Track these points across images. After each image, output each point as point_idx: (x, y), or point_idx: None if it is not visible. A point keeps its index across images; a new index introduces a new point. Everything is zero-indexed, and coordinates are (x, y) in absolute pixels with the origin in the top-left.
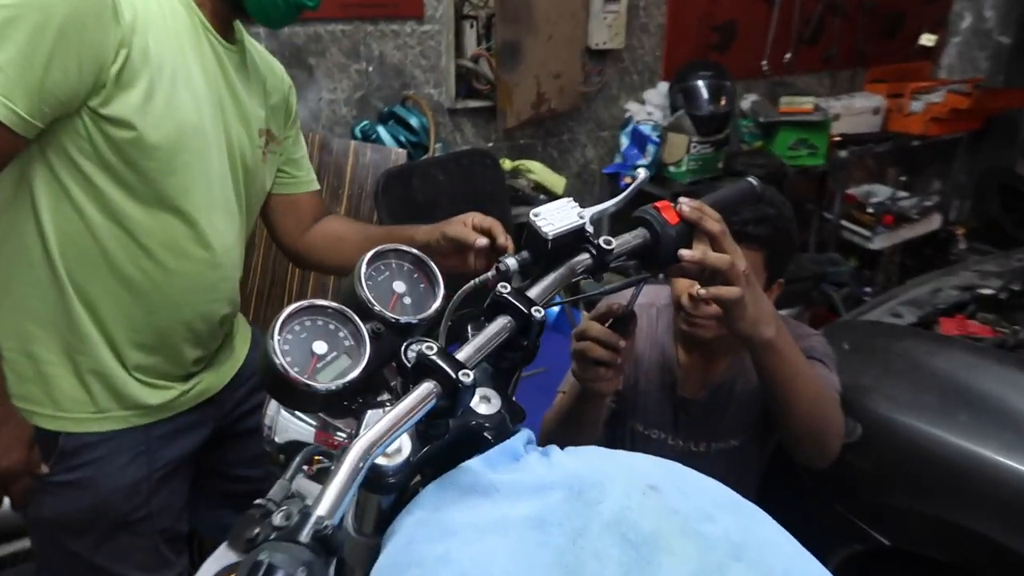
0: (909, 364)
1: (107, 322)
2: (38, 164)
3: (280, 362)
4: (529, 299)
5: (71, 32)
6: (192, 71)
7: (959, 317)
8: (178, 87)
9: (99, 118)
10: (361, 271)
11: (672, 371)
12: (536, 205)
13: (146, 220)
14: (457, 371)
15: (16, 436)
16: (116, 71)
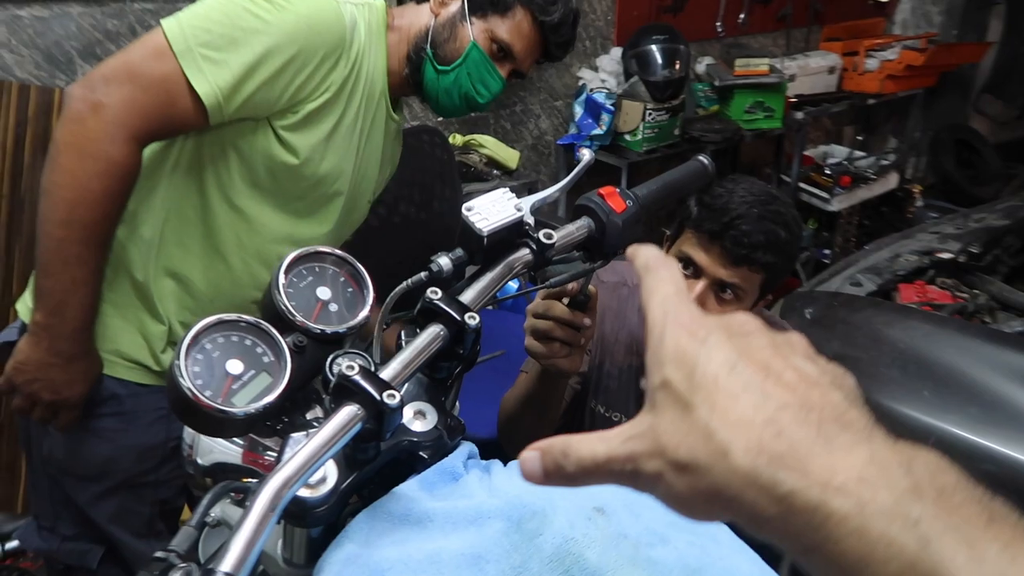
0: (870, 337)
1: (171, 294)
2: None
3: (188, 385)
4: (462, 305)
5: (300, 64)
6: (366, 128)
7: (919, 283)
8: (352, 138)
9: (275, 136)
10: (279, 278)
11: (639, 353)
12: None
13: (257, 215)
14: (382, 392)
15: (85, 371)
16: (313, 108)
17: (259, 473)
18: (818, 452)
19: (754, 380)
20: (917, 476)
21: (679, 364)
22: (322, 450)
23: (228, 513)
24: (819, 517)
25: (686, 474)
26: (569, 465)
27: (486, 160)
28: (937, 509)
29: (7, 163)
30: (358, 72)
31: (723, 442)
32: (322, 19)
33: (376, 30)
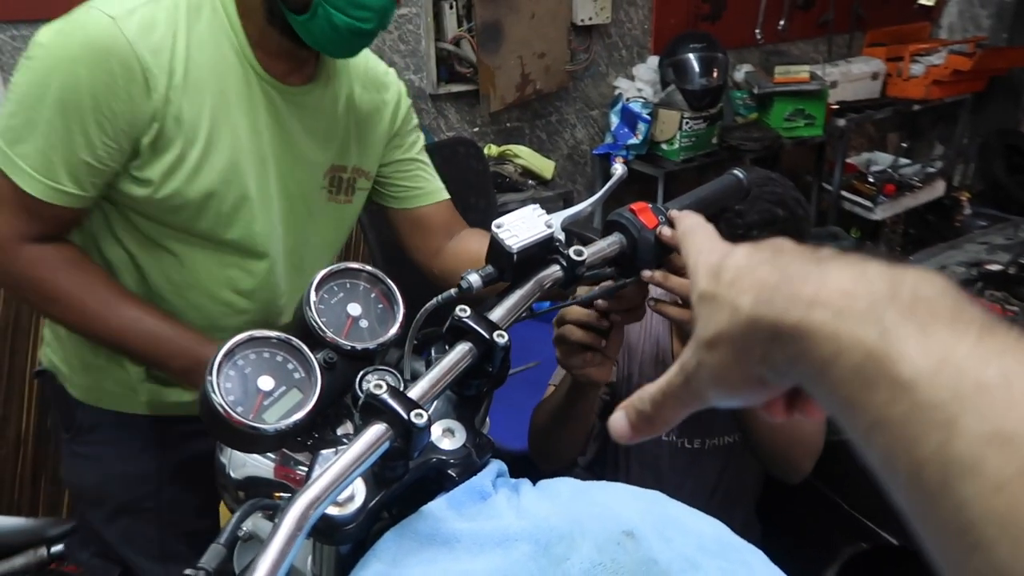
0: None
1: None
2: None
3: (220, 402)
4: (491, 322)
5: (102, 110)
6: (235, 125)
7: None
8: (213, 148)
9: (133, 178)
10: (310, 295)
11: (667, 364)
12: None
13: (182, 250)
14: (410, 411)
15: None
16: (149, 141)
17: (291, 487)
18: (812, 280)
19: (768, 256)
20: (899, 287)
21: (709, 274)
22: (350, 469)
23: (260, 527)
24: (802, 331)
25: (714, 348)
26: (646, 407)
27: (521, 170)
28: (905, 309)
29: None
30: (185, 75)
31: (737, 303)
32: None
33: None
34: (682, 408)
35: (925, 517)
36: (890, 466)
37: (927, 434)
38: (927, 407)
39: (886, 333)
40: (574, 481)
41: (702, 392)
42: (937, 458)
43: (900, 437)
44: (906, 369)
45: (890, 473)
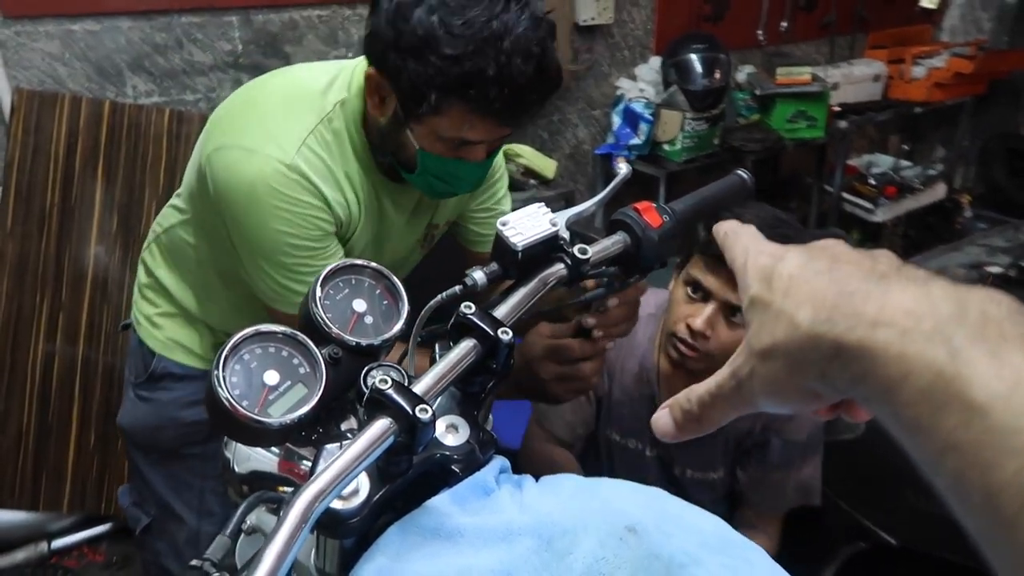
0: None
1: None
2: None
3: (227, 396)
4: (496, 319)
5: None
6: (367, 214)
7: None
8: (356, 236)
9: None
10: (316, 290)
11: (651, 383)
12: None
13: None
14: (415, 406)
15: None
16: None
17: (294, 482)
18: (873, 298)
19: (824, 267)
20: (966, 307)
21: (760, 279)
22: (355, 463)
23: (263, 521)
24: (866, 351)
25: (769, 358)
26: (693, 408)
27: (523, 170)
28: (974, 330)
29: (58, 173)
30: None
31: (794, 316)
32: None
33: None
34: (731, 411)
35: (999, 543)
36: (961, 490)
37: (1004, 459)
38: (1003, 432)
39: (956, 354)
40: (576, 477)
41: (753, 399)
42: (1015, 484)
43: (974, 462)
44: (979, 393)
45: (961, 497)
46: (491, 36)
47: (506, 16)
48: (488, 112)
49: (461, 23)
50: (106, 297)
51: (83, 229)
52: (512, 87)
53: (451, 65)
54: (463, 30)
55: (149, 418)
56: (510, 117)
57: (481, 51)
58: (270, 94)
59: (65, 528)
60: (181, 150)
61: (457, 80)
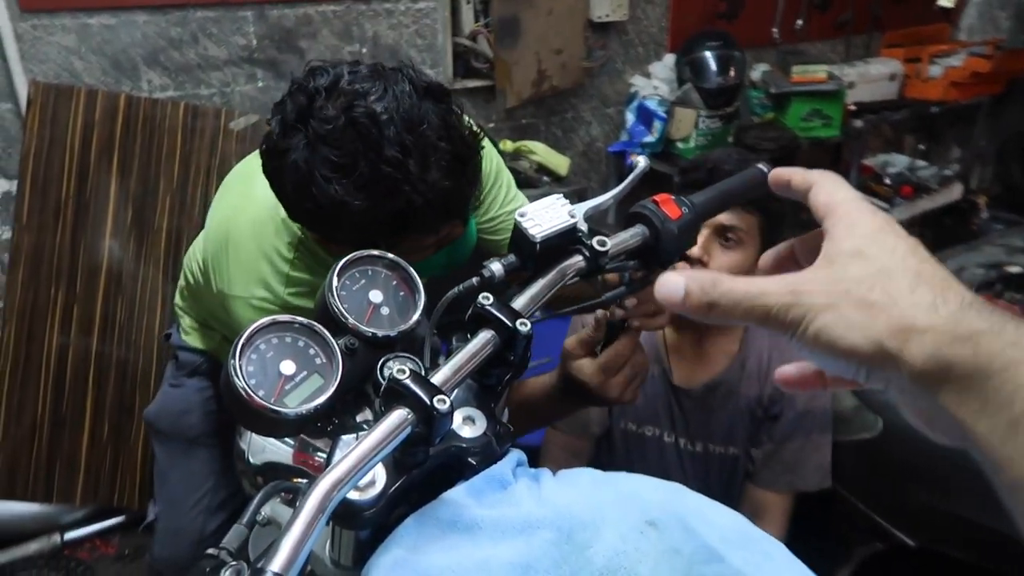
0: None
1: None
2: None
3: (243, 385)
4: (514, 311)
5: None
6: None
7: (986, 297)
8: None
9: None
10: (332, 281)
11: (660, 358)
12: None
13: None
14: (432, 397)
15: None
16: None
17: (309, 474)
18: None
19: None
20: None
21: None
22: (371, 453)
23: (278, 512)
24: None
25: (865, 309)
26: (716, 295)
27: (536, 167)
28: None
29: (74, 165)
30: None
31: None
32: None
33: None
34: (750, 321)
35: None
36: None
37: None
38: None
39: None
40: (595, 471)
41: (787, 329)
42: None
43: None
44: None
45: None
46: (393, 174)
47: (393, 147)
48: (428, 229)
49: (356, 178)
50: (120, 289)
51: (98, 221)
52: (440, 196)
53: (373, 220)
54: (361, 182)
55: (177, 403)
56: (453, 215)
57: (393, 192)
58: (242, 230)
59: (78, 520)
60: (195, 143)
61: (388, 227)
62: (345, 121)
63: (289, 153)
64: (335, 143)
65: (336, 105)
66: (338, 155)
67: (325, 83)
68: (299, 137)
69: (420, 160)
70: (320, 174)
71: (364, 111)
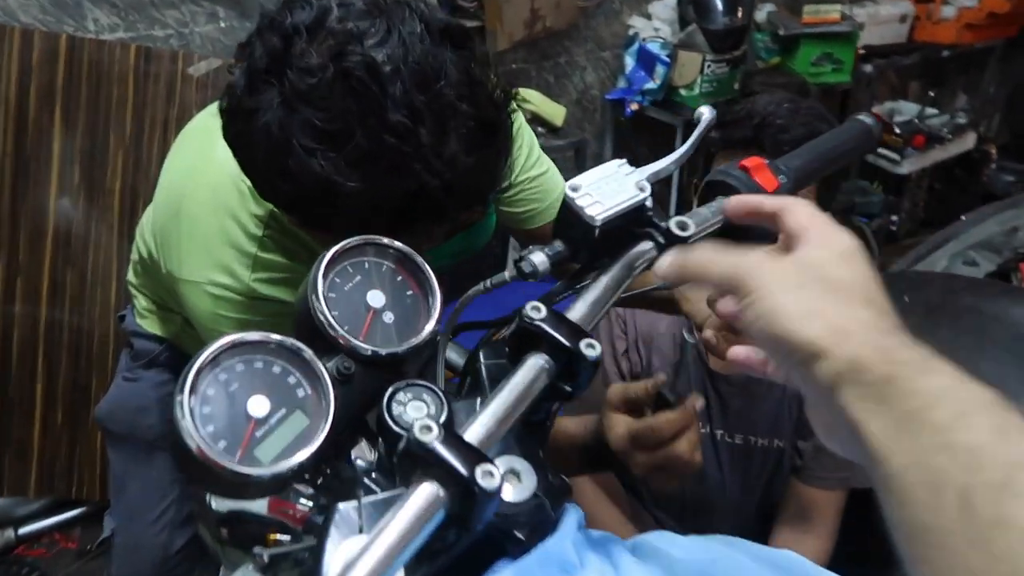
0: (1011, 334)
1: None
2: None
3: (194, 437)
4: (575, 327)
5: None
6: None
7: None
8: None
9: None
10: (317, 281)
11: (682, 345)
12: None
13: None
14: (474, 468)
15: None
16: None
17: (289, 527)
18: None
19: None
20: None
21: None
22: (383, 564)
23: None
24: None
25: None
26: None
27: (530, 116)
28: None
29: (10, 118)
30: None
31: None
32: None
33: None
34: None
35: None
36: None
37: None
38: None
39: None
40: (680, 540)
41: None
42: None
43: None
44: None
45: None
46: (399, 146)
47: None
48: (443, 218)
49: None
50: (70, 257)
51: (40, 181)
52: (460, 176)
53: (371, 206)
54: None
55: (132, 399)
56: (476, 200)
57: (398, 171)
58: (199, 198)
59: (33, 513)
60: (150, 92)
61: (391, 215)
62: (334, 73)
63: (258, 114)
64: (320, 103)
65: (322, 51)
66: (324, 119)
67: (307, 20)
68: (271, 93)
69: (435, 128)
70: (300, 144)
71: (360, 60)
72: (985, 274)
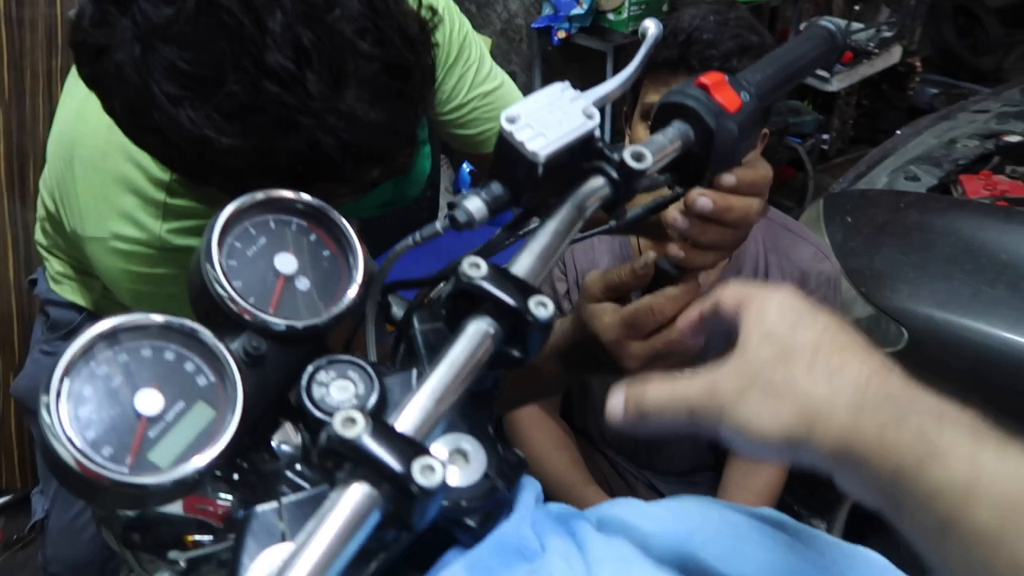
0: (960, 249)
1: None
2: None
3: (72, 453)
4: (523, 284)
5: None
6: None
7: (984, 173)
8: None
9: None
10: (212, 247)
11: (628, 259)
12: None
13: None
14: (410, 461)
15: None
16: None
17: (210, 525)
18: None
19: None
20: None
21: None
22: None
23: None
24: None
25: (772, 397)
26: (645, 404)
27: None
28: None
29: None
30: None
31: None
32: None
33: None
34: (675, 419)
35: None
36: None
37: None
38: None
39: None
40: (650, 510)
41: (708, 424)
42: None
43: None
44: None
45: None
46: (282, 96)
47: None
48: (347, 178)
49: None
50: None
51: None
52: (363, 133)
53: (255, 165)
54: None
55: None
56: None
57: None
58: (93, 142)
59: None
60: (26, 41)
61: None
62: (197, 2)
63: (109, 53)
64: (181, 39)
65: None
66: (188, 60)
67: None
68: (122, 25)
69: (327, 74)
70: (162, 91)
71: None
72: (927, 188)
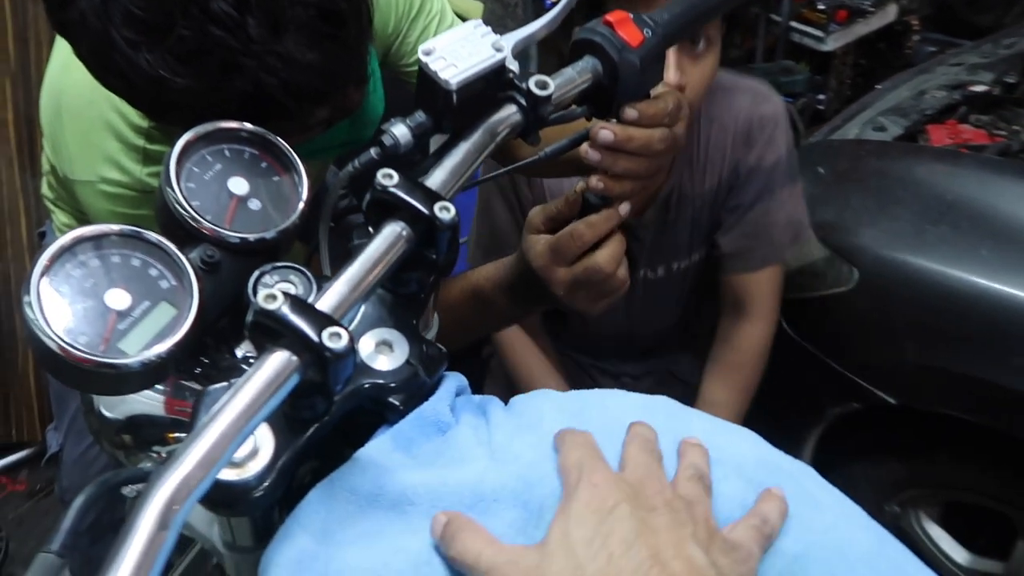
0: (911, 191)
1: None
2: None
3: (49, 333)
4: (429, 191)
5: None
6: None
7: (950, 123)
8: None
9: None
10: (170, 170)
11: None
12: None
13: None
14: (321, 330)
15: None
16: None
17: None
18: None
19: (642, 568)
20: None
21: (582, 522)
22: (237, 425)
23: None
24: None
25: None
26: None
27: None
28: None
29: None
30: None
31: None
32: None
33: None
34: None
35: None
36: None
37: None
38: None
39: None
40: (557, 396)
41: None
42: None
43: None
44: None
45: None
46: (227, 40)
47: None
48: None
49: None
50: None
51: None
52: (303, 75)
53: (208, 104)
54: (182, 51)
55: None
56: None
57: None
58: (78, 91)
59: None
60: (30, 11)
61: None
62: None
63: (74, 1)
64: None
65: None
66: (142, 7)
67: None
68: None
69: (265, 19)
70: (120, 36)
71: None
72: (893, 138)
